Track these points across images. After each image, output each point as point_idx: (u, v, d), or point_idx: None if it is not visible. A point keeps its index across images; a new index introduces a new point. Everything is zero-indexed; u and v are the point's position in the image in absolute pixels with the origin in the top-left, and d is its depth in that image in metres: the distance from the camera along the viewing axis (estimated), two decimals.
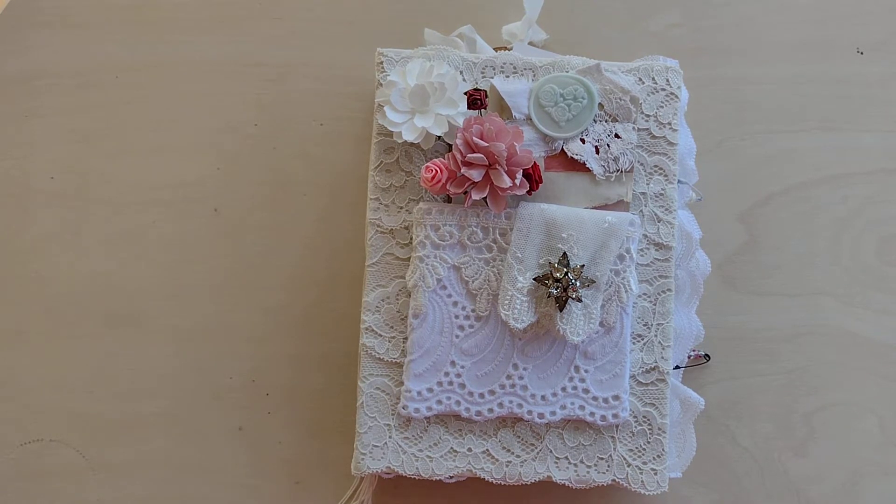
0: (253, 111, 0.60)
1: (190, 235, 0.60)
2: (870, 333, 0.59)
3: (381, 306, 0.53)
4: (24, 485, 0.58)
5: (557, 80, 0.53)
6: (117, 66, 0.61)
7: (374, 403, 0.53)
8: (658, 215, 0.53)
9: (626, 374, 0.52)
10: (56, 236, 0.60)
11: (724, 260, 0.60)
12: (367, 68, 0.57)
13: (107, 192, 0.60)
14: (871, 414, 0.59)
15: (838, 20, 0.61)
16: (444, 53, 0.53)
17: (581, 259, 0.51)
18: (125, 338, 0.59)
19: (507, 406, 0.52)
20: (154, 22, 0.61)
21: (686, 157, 0.55)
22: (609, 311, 0.52)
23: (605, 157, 0.53)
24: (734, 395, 0.58)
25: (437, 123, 0.51)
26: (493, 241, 0.53)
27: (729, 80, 0.61)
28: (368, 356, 0.53)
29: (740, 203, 0.60)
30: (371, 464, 0.52)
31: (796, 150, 0.60)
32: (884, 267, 0.60)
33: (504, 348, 0.52)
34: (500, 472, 0.52)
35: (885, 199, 0.60)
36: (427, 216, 0.53)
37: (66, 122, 0.60)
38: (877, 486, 0.58)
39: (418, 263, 0.52)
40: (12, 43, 0.61)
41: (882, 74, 0.61)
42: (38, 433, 0.58)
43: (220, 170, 0.60)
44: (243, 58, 0.61)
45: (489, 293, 0.52)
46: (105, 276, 0.59)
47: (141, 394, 0.59)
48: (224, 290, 0.59)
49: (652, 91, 0.53)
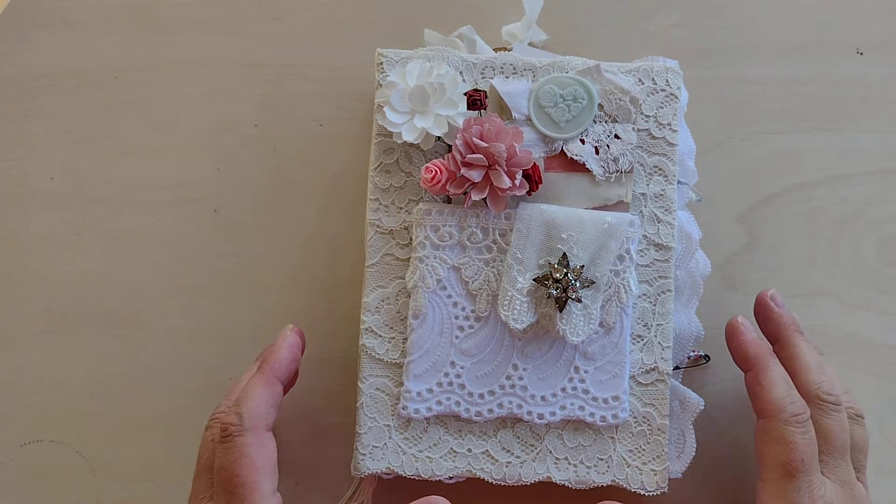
0: (253, 111, 0.60)
1: (190, 235, 0.60)
2: (870, 334, 0.59)
3: (380, 307, 0.53)
4: (24, 485, 0.58)
5: (557, 80, 0.53)
6: (117, 67, 0.61)
7: (374, 404, 0.53)
8: (658, 216, 0.53)
9: (626, 374, 0.52)
10: (56, 236, 0.60)
11: (724, 260, 0.60)
12: (367, 69, 0.57)
13: (107, 192, 0.60)
14: (870, 414, 0.58)
15: (838, 20, 0.61)
16: (443, 54, 0.53)
17: (581, 260, 0.51)
18: (125, 338, 0.59)
19: (507, 407, 0.52)
20: (154, 22, 0.61)
21: (686, 157, 0.55)
22: (609, 311, 0.52)
23: (604, 157, 0.53)
24: (734, 395, 0.58)
25: (436, 124, 0.51)
26: (493, 242, 0.53)
27: (729, 80, 0.61)
28: (368, 357, 0.53)
29: (740, 203, 0.60)
30: (371, 464, 0.52)
31: (796, 150, 0.60)
32: (884, 267, 0.60)
33: (504, 349, 0.52)
34: (500, 473, 0.53)
35: (885, 199, 0.60)
36: (427, 217, 0.53)
37: (65, 122, 0.60)
38: (877, 486, 0.58)
39: (418, 264, 0.52)
40: (12, 43, 0.61)
41: (882, 75, 0.61)
42: (38, 433, 0.58)
43: (219, 170, 0.60)
44: (243, 58, 0.61)
45: (489, 294, 0.52)
46: (105, 276, 0.59)
47: (141, 394, 0.59)
48: (224, 290, 0.59)
49: (652, 92, 0.53)
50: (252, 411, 0.49)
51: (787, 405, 0.50)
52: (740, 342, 0.53)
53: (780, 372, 0.51)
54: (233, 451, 0.48)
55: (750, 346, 0.52)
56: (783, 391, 0.50)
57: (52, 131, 0.60)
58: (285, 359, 0.52)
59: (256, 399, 0.50)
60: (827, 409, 0.51)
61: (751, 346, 0.52)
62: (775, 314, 0.54)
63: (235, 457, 0.48)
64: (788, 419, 0.49)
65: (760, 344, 0.53)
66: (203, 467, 0.50)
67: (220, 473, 0.48)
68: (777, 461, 0.49)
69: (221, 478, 0.48)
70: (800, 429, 0.49)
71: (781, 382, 0.51)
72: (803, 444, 0.49)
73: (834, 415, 0.51)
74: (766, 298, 0.55)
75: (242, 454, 0.48)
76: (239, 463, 0.48)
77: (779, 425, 0.49)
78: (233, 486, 0.47)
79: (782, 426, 0.49)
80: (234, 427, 0.49)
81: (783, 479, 0.49)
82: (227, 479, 0.48)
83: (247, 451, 0.48)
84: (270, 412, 0.50)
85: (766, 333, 0.55)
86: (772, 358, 0.52)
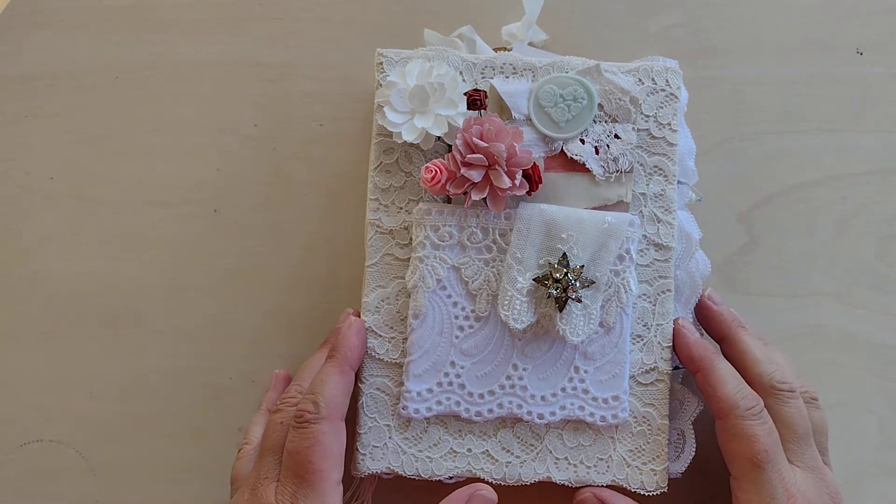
0: (253, 112, 0.60)
1: (190, 236, 0.60)
2: (870, 334, 0.59)
3: (380, 307, 0.53)
4: (24, 485, 0.58)
5: (557, 80, 0.53)
6: (117, 67, 0.61)
7: (374, 404, 0.53)
8: (658, 216, 0.53)
9: (626, 374, 0.52)
10: (56, 236, 0.60)
11: (724, 260, 0.60)
12: (367, 69, 0.57)
13: (106, 192, 0.60)
14: (870, 414, 0.59)
15: (838, 20, 0.61)
16: (443, 54, 0.53)
17: (581, 259, 0.51)
18: (125, 338, 0.59)
19: (507, 406, 0.52)
20: (153, 22, 0.61)
21: (686, 157, 0.55)
22: (609, 311, 0.52)
23: (604, 157, 0.53)
24: None
25: (436, 124, 0.51)
26: (493, 242, 0.53)
27: (729, 80, 0.61)
28: (368, 357, 0.53)
29: (740, 203, 0.60)
30: (371, 464, 0.52)
31: (796, 150, 0.60)
32: (884, 267, 0.60)
33: (504, 349, 0.52)
34: (500, 473, 0.53)
35: (885, 199, 0.60)
36: (427, 217, 0.53)
37: (65, 122, 0.60)
38: (877, 486, 0.58)
39: (418, 264, 0.52)
40: (11, 44, 0.61)
41: (882, 75, 0.61)
42: (38, 433, 0.59)
43: (219, 170, 0.60)
44: (243, 58, 0.61)
45: (489, 294, 0.52)
46: (105, 276, 0.59)
47: (141, 394, 0.59)
48: (224, 290, 0.59)
49: (652, 91, 0.53)
50: (329, 400, 0.49)
51: (739, 400, 0.50)
52: (683, 345, 0.52)
53: (727, 368, 0.51)
54: (308, 438, 0.48)
55: (693, 347, 0.52)
56: (733, 387, 0.50)
57: (52, 131, 0.60)
58: (356, 346, 0.52)
59: (332, 387, 0.50)
60: (783, 398, 0.51)
61: (694, 347, 0.52)
62: (715, 313, 0.54)
63: (311, 443, 0.48)
64: (744, 413, 0.49)
65: (703, 344, 0.52)
66: (269, 448, 0.50)
67: (294, 458, 0.48)
68: (743, 456, 0.49)
69: (294, 461, 0.48)
70: (757, 421, 0.49)
71: (730, 379, 0.51)
72: (763, 434, 0.49)
73: (791, 402, 0.51)
74: (705, 299, 0.55)
75: (318, 441, 0.48)
76: (313, 450, 0.48)
77: (736, 421, 0.49)
78: (305, 471, 0.48)
79: (740, 421, 0.49)
80: (310, 414, 0.49)
81: (753, 474, 0.49)
82: (300, 463, 0.48)
83: (322, 438, 0.48)
84: (345, 401, 0.51)
85: (712, 334, 0.55)
86: (717, 356, 0.52)
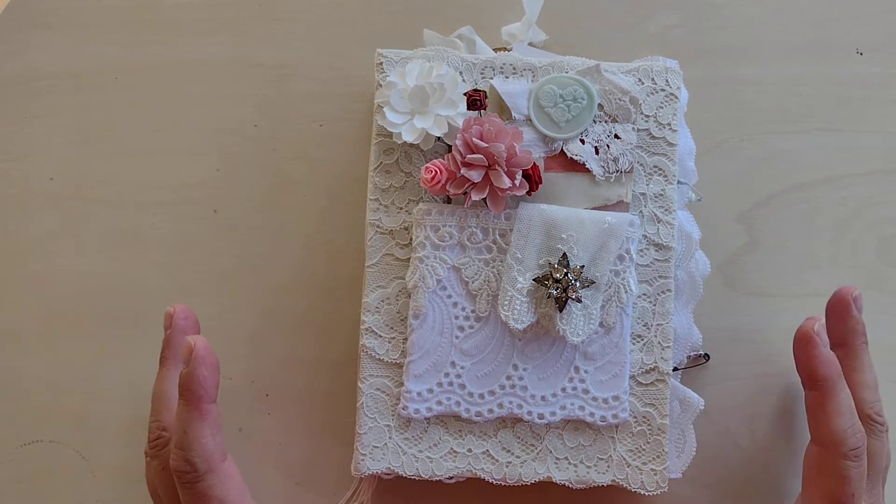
0: (253, 112, 0.60)
1: (190, 236, 0.60)
2: (870, 334, 0.59)
3: (380, 307, 0.53)
4: (24, 485, 0.58)
5: (557, 80, 0.53)
6: (117, 68, 0.61)
7: (374, 404, 0.53)
8: (658, 216, 0.53)
9: (626, 374, 0.52)
10: (56, 236, 0.60)
11: (724, 260, 0.60)
12: (367, 69, 0.57)
13: (106, 192, 0.60)
14: None
15: (838, 20, 0.61)
16: (443, 54, 0.53)
17: (581, 260, 0.51)
18: (125, 338, 0.59)
19: (507, 407, 0.52)
20: (153, 23, 0.61)
21: (686, 157, 0.55)
22: (609, 311, 0.52)
23: (604, 157, 0.53)
24: (734, 395, 0.58)
25: (436, 124, 0.51)
26: (493, 242, 0.53)
27: (729, 80, 0.61)
28: (368, 357, 0.53)
29: (740, 203, 0.60)
30: (371, 465, 0.52)
31: (796, 150, 0.60)
32: (884, 267, 0.60)
33: (504, 349, 0.52)
34: (500, 473, 0.53)
35: (885, 200, 0.60)
36: (427, 217, 0.53)
37: (65, 123, 0.60)
38: None
39: (418, 264, 0.52)
40: (11, 44, 0.61)
41: (882, 75, 0.61)
42: (38, 434, 0.58)
43: (219, 171, 0.60)
44: (243, 59, 0.61)
45: (489, 294, 0.52)
46: (105, 276, 0.59)
47: (141, 394, 0.59)
48: (224, 290, 0.59)
49: (651, 91, 0.53)
50: (201, 453, 0.47)
51: (848, 437, 0.47)
52: (812, 357, 0.49)
53: (847, 400, 0.49)
54: (199, 496, 0.47)
55: (821, 365, 0.49)
56: (847, 421, 0.48)
57: (52, 131, 0.60)
58: (206, 377, 0.47)
59: (199, 437, 0.47)
60: (876, 431, 0.50)
61: (822, 365, 0.49)
62: (853, 320, 0.52)
63: (204, 499, 0.47)
64: (847, 453, 0.47)
65: (832, 364, 0.49)
66: (168, 497, 0.49)
67: None
68: (827, 493, 0.48)
69: None
70: (855, 462, 0.47)
71: (847, 412, 0.48)
72: (856, 477, 0.47)
73: (881, 436, 0.50)
74: (849, 298, 0.52)
75: (210, 496, 0.47)
76: (210, 502, 0.47)
77: (836, 459, 0.47)
78: None
79: (840, 460, 0.47)
80: (189, 475, 0.46)
81: None
82: None
83: (212, 491, 0.47)
84: (218, 441, 0.48)
85: (834, 332, 0.53)
86: (840, 381, 0.49)
